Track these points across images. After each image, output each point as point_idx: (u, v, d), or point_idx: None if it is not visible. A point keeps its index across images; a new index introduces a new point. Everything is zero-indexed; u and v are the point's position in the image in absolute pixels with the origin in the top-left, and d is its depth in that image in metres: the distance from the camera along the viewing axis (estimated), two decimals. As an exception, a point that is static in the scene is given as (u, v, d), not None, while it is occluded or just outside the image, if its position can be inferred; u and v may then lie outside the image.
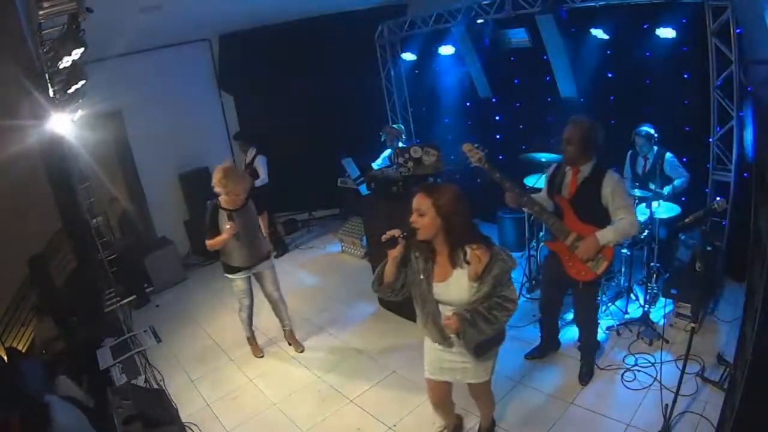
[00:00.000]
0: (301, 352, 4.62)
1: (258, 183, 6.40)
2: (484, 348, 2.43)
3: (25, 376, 3.27)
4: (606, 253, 3.20)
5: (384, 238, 2.28)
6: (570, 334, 4.10)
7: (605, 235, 3.14)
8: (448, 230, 2.24)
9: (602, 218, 3.19)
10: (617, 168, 4.56)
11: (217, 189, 4.00)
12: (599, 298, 4.37)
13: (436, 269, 2.35)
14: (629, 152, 4.67)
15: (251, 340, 4.70)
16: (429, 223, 2.22)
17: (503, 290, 2.29)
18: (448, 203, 2.21)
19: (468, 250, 2.26)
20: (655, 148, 4.45)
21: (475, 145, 3.33)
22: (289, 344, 4.70)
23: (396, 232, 2.26)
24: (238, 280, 4.28)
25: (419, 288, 2.40)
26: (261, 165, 6.45)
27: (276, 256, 6.91)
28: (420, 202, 2.24)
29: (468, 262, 2.26)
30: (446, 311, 2.37)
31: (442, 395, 2.84)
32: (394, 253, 2.31)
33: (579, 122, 3.22)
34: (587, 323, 3.60)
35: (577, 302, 3.60)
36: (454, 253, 2.29)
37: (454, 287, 2.31)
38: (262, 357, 4.63)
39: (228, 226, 3.93)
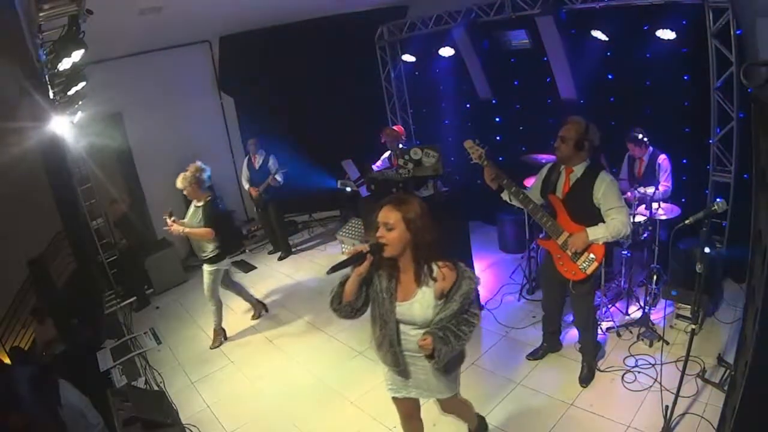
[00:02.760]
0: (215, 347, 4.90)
1: (281, 181, 6.54)
2: (450, 365, 2.34)
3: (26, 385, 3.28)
4: (597, 254, 3.21)
5: (349, 253, 2.17)
6: (571, 335, 4.10)
7: (595, 232, 3.16)
8: (417, 246, 2.14)
9: (594, 219, 3.21)
10: (617, 170, 4.58)
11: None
12: (600, 299, 4.38)
13: (400, 288, 2.25)
14: (627, 153, 4.67)
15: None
16: (397, 237, 2.11)
17: (469, 306, 2.22)
18: (418, 217, 2.11)
19: (435, 268, 2.18)
20: (651, 149, 4.45)
21: (476, 141, 3.34)
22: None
23: (363, 247, 2.14)
24: None
25: (381, 308, 2.28)
26: (276, 165, 6.56)
27: (280, 258, 6.95)
28: (388, 215, 2.13)
29: (435, 279, 2.17)
30: (408, 332, 2.30)
31: (409, 411, 2.71)
32: (360, 270, 2.17)
33: (576, 121, 3.25)
34: (585, 325, 3.60)
35: (573, 304, 3.61)
36: (420, 270, 2.19)
37: (418, 306, 2.21)
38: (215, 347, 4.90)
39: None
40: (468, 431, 3.14)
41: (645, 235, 4.30)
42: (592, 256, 3.22)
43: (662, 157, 4.38)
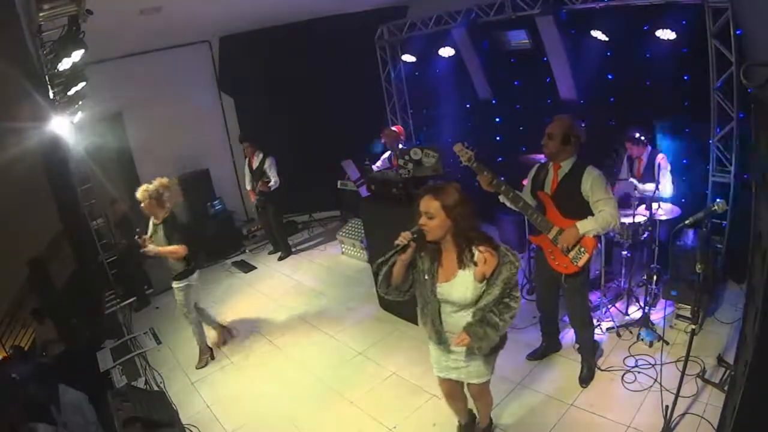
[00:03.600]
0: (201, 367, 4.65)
1: (273, 186, 6.45)
2: (492, 350, 2.46)
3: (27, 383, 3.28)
4: (587, 246, 3.25)
5: (397, 242, 2.26)
6: (571, 335, 4.09)
7: (585, 225, 3.21)
8: (458, 231, 2.26)
9: (584, 212, 3.26)
10: (618, 170, 4.58)
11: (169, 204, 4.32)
12: (600, 299, 4.38)
13: (441, 269, 2.37)
14: (627, 153, 4.67)
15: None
16: (438, 225, 2.24)
17: (511, 290, 2.33)
18: (457, 204, 2.22)
19: (476, 251, 2.27)
20: (650, 148, 4.46)
21: (466, 144, 3.38)
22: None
23: (407, 236, 2.25)
24: None
25: (423, 288, 2.42)
26: (272, 167, 6.49)
27: (279, 259, 6.94)
28: (428, 204, 2.24)
29: (475, 263, 2.26)
30: (449, 312, 2.40)
31: (451, 390, 2.87)
32: (404, 257, 2.30)
33: (561, 118, 3.34)
34: (580, 322, 3.61)
35: (567, 301, 3.63)
36: (462, 253, 2.29)
37: (458, 287, 2.31)
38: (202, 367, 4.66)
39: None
40: (477, 428, 3.20)
41: (645, 235, 4.30)
42: (582, 248, 3.26)
43: (661, 156, 4.38)
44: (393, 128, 6.25)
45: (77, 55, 3.37)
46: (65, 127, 4.62)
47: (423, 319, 2.51)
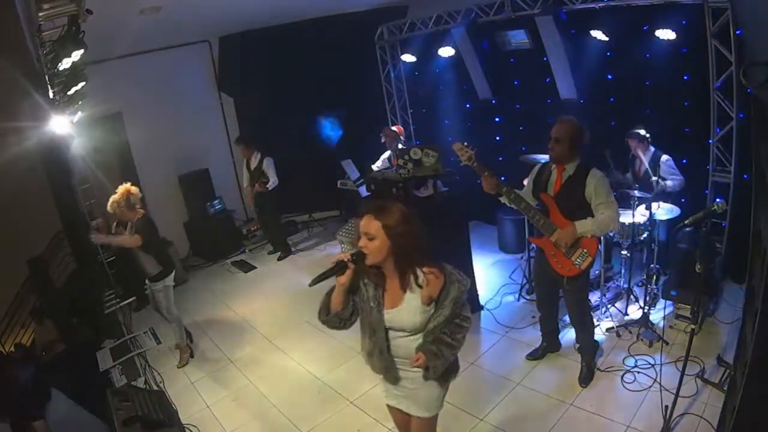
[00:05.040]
0: (182, 366, 4.73)
1: (271, 186, 6.47)
2: (442, 376, 2.28)
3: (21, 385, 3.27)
4: (590, 249, 3.25)
5: (331, 262, 2.13)
6: (570, 335, 4.10)
7: (583, 225, 3.21)
8: (399, 253, 2.11)
9: (587, 215, 3.25)
10: (616, 170, 4.59)
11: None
12: (600, 299, 4.38)
13: (387, 296, 2.22)
14: (631, 153, 4.68)
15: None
16: (379, 246, 2.08)
17: (461, 310, 2.22)
18: (398, 225, 2.07)
19: (420, 273, 2.14)
20: (652, 149, 4.46)
21: (466, 144, 3.37)
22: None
23: (344, 256, 2.11)
24: None
25: (369, 316, 2.26)
26: (270, 167, 6.50)
27: (279, 258, 6.95)
28: (368, 224, 2.09)
29: (420, 286, 2.14)
30: (398, 339, 2.27)
31: (403, 421, 2.59)
32: (342, 280, 2.14)
33: (569, 121, 3.28)
34: (581, 323, 3.62)
35: (567, 302, 3.63)
36: (405, 276, 2.16)
37: (406, 312, 2.18)
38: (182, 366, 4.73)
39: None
40: None
41: (645, 235, 4.30)
42: (585, 251, 3.26)
43: (666, 157, 4.39)
44: (393, 128, 6.24)
45: (77, 55, 3.36)
46: (65, 126, 4.61)
47: (370, 348, 2.32)
